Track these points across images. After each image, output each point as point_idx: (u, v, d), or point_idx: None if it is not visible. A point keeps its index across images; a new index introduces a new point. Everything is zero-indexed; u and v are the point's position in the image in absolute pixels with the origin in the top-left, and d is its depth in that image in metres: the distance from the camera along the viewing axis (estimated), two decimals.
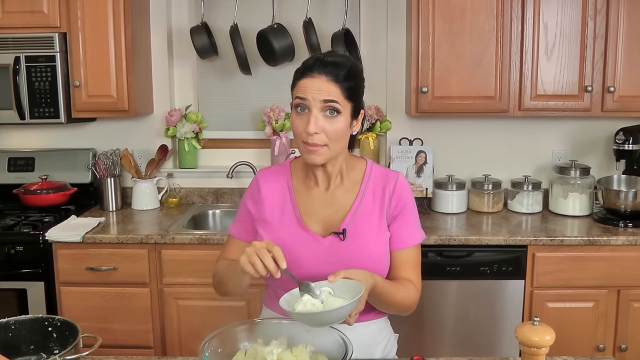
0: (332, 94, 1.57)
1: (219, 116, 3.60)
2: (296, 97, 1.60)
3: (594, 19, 3.01)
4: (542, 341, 1.30)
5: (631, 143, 3.08)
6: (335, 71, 1.58)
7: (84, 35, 3.11)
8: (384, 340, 1.77)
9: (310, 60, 1.63)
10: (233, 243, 1.80)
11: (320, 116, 1.57)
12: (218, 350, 1.42)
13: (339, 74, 1.58)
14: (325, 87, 1.56)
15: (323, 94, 1.56)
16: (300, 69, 1.63)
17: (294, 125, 1.61)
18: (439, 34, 3.05)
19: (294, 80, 1.64)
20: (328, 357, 1.40)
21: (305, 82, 1.58)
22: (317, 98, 1.56)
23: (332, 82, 1.57)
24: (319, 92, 1.56)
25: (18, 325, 1.49)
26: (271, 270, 1.41)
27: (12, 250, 2.89)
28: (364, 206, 1.69)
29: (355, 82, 1.62)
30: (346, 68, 1.60)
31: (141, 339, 2.96)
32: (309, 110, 1.57)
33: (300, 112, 1.59)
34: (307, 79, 1.58)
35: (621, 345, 2.89)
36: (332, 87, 1.57)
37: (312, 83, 1.57)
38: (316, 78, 1.57)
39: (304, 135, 1.58)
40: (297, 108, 1.60)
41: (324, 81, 1.57)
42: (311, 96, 1.56)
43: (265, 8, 3.38)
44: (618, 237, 2.82)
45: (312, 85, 1.57)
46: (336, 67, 1.58)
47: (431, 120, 3.44)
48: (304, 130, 1.57)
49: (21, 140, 3.59)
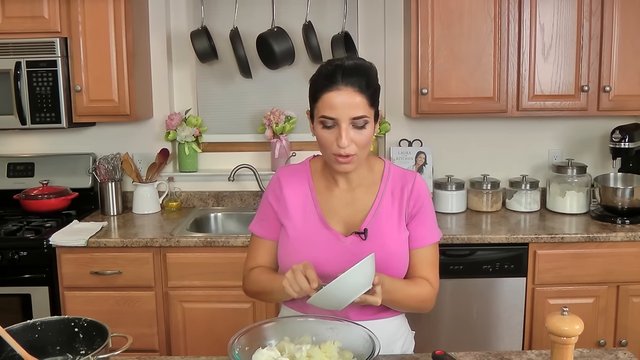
0: (360, 109, 1.56)
1: (219, 120, 3.61)
2: (322, 116, 1.58)
3: (589, 20, 3.07)
4: (572, 330, 1.34)
5: (627, 141, 3.13)
6: (360, 80, 1.57)
7: (85, 40, 3.12)
8: (403, 337, 1.81)
9: (330, 67, 1.60)
10: (259, 244, 1.80)
11: (350, 129, 1.57)
12: (245, 348, 1.44)
13: (362, 83, 1.57)
14: (352, 100, 1.55)
15: (352, 111, 1.56)
16: (322, 80, 1.59)
17: (322, 138, 1.61)
18: (438, 36, 3.09)
19: (316, 92, 1.60)
20: (354, 353, 1.43)
21: (331, 97, 1.56)
22: (346, 115, 1.56)
23: (357, 93, 1.56)
24: (348, 109, 1.55)
25: (44, 326, 1.50)
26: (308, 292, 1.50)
27: (15, 255, 2.88)
28: (384, 206, 1.72)
29: (375, 86, 1.63)
30: (367, 73, 1.60)
31: (146, 343, 2.96)
32: (338, 126, 1.57)
33: (327, 128, 1.59)
34: (333, 93, 1.56)
35: (621, 340, 2.94)
36: (358, 99, 1.56)
37: (339, 98, 1.55)
38: (342, 91, 1.55)
39: (335, 148, 1.58)
40: (323, 125, 1.59)
41: (350, 93, 1.56)
42: (340, 115, 1.56)
43: (265, 12, 3.40)
44: (616, 233, 2.87)
45: (340, 102, 1.55)
46: (359, 74, 1.57)
47: (429, 121, 3.49)
48: (335, 144, 1.58)
49: (20, 146, 3.58)
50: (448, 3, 3.07)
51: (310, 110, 1.66)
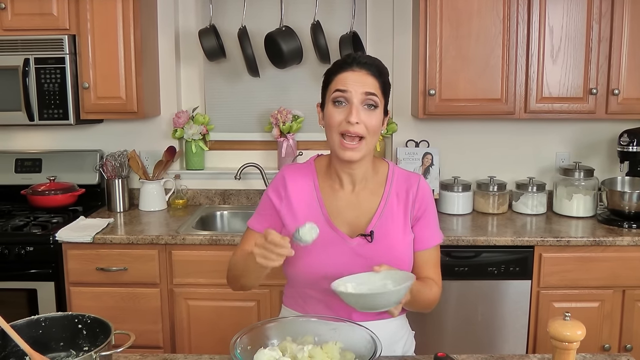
0: (372, 87, 1.64)
1: (226, 118, 3.62)
2: (336, 90, 1.64)
3: (599, 22, 3.05)
4: (574, 336, 1.34)
5: (635, 145, 3.12)
6: (373, 68, 1.66)
7: (93, 37, 3.13)
8: (404, 337, 1.81)
9: (347, 57, 1.69)
10: (252, 237, 1.79)
11: (361, 107, 1.63)
12: (247, 348, 1.44)
13: (375, 70, 1.66)
14: (366, 79, 1.64)
15: (365, 86, 1.63)
16: (337, 65, 1.69)
17: (331, 117, 1.64)
18: (446, 37, 3.08)
19: (330, 76, 1.69)
20: (356, 354, 1.43)
21: (345, 75, 1.64)
22: (358, 90, 1.62)
23: (371, 75, 1.65)
24: (361, 85, 1.62)
25: (48, 322, 1.50)
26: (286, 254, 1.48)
27: (22, 250, 2.89)
28: (389, 208, 1.73)
29: (387, 79, 1.70)
30: (380, 66, 1.70)
31: (151, 339, 2.97)
32: (349, 103, 1.63)
33: (338, 106, 1.64)
34: (347, 72, 1.65)
35: (626, 344, 2.93)
36: (371, 80, 1.65)
37: (353, 76, 1.64)
38: (357, 72, 1.64)
39: (344, 125, 1.62)
40: (335, 102, 1.64)
41: (364, 74, 1.64)
42: (353, 88, 1.62)
43: (273, 11, 3.41)
44: (623, 237, 2.86)
45: (353, 78, 1.63)
46: (373, 64, 1.67)
47: (437, 122, 3.48)
48: (344, 120, 1.62)
49: (28, 142, 3.60)
50: (457, 4, 3.06)
51: (322, 97, 1.71)
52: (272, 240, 1.47)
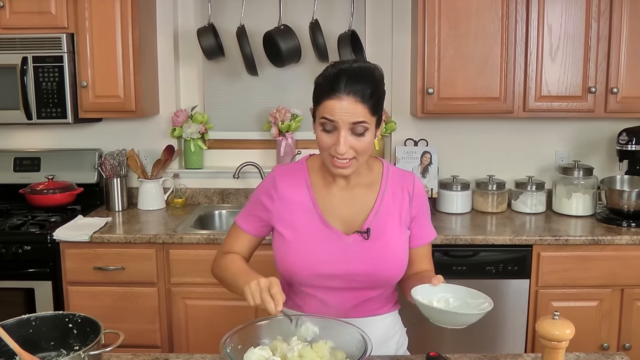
0: (360, 115, 1.54)
1: (225, 117, 3.61)
2: (322, 118, 1.57)
3: (598, 20, 3.04)
4: (563, 335, 1.33)
5: (634, 143, 3.11)
6: (363, 89, 1.54)
7: (92, 36, 3.13)
8: (397, 334, 1.82)
9: (334, 70, 1.58)
10: (239, 235, 1.80)
11: (349, 135, 1.56)
12: (238, 347, 1.44)
13: (365, 93, 1.54)
14: (353, 109, 1.53)
15: (352, 116, 1.54)
16: (325, 85, 1.57)
17: (321, 140, 1.60)
18: (445, 36, 3.07)
19: (318, 97, 1.59)
20: (346, 353, 1.42)
21: (332, 104, 1.54)
22: (346, 120, 1.54)
23: (359, 102, 1.54)
24: (347, 115, 1.54)
25: (39, 321, 1.50)
26: (271, 312, 1.47)
27: (19, 249, 2.90)
28: (385, 206, 1.72)
29: (379, 94, 1.60)
30: (372, 81, 1.58)
31: (148, 339, 2.97)
32: (337, 130, 1.56)
33: (327, 131, 1.58)
34: (333, 101, 1.54)
35: (625, 344, 2.91)
36: (359, 108, 1.54)
37: (340, 105, 1.54)
38: (344, 100, 1.53)
39: (333, 149, 1.57)
40: (323, 127, 1.58)
41: (352, 102, 1.53)
42: (339, 118, 1.54)
43: (272, 9, 3.40)
44: (622, 236, 2.85)
45: (340, 108, 1.53)
46: (363, 81, 1.55)
47: (435, 121, 3.47)
48: (333, 148, 1.57)
49: (26, 141, 3.60)
50: (455, 3, 3.05)
51: (313, 110, 1.65)
52: (274, 294, 1.47)
